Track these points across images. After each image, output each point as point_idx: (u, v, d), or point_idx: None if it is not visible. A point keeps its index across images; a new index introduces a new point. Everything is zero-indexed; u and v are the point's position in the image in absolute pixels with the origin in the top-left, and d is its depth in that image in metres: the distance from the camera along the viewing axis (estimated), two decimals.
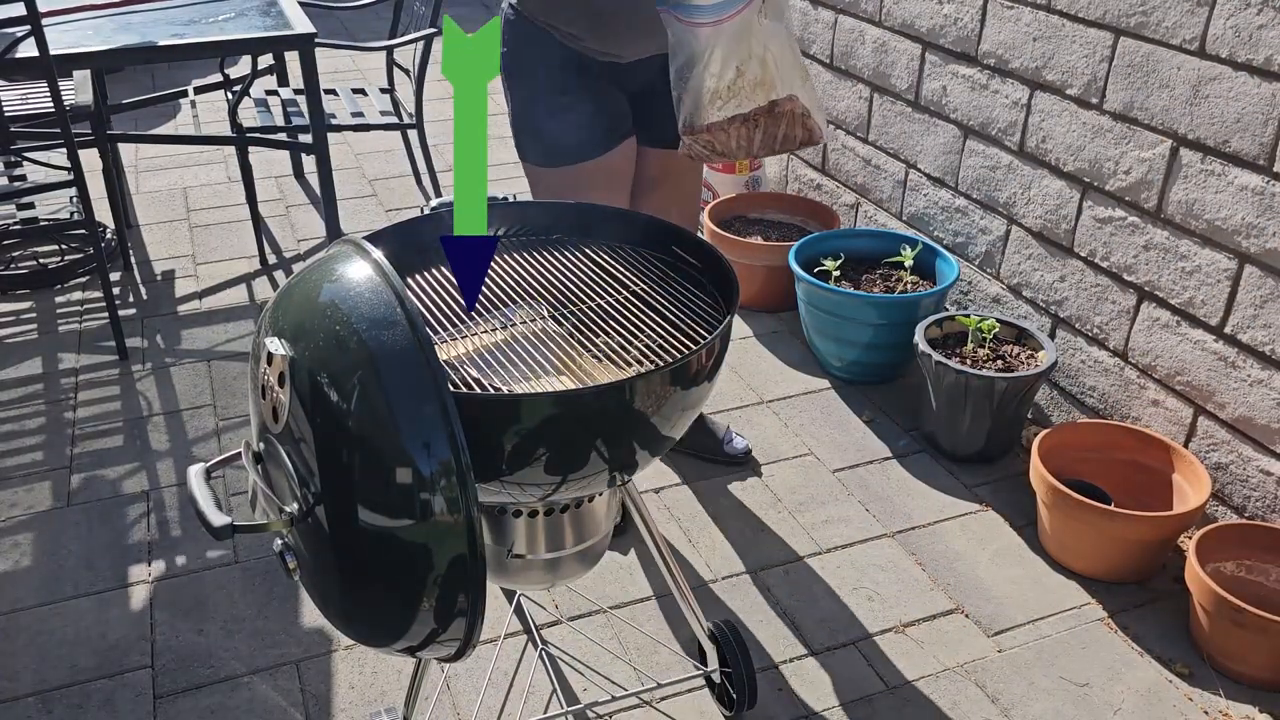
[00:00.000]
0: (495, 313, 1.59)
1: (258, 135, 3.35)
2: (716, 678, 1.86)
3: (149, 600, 2.11)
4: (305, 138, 3.56)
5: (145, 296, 3.25)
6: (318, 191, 3.59)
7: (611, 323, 1.56)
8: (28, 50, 2.62)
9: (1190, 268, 2.17)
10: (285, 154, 4.26)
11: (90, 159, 3.99)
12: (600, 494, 1.57)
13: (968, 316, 2.55)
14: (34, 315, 3.14)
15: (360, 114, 3.50)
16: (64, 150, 2.78)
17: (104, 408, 2.70)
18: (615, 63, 2.02)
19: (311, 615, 2.07)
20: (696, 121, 1.77)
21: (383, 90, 3.76)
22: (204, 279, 3.35)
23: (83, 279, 3.34)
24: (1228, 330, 2.12)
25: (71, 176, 2.76)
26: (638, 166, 2.20)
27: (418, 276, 1.69)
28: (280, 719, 1.85)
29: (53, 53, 2.63)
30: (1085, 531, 2.12)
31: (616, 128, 2.06)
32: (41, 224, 3.51)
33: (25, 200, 3.63)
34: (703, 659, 1.89)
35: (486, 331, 1.53)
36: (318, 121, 3.03)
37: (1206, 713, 1.89)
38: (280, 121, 3.41)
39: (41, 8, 3.06)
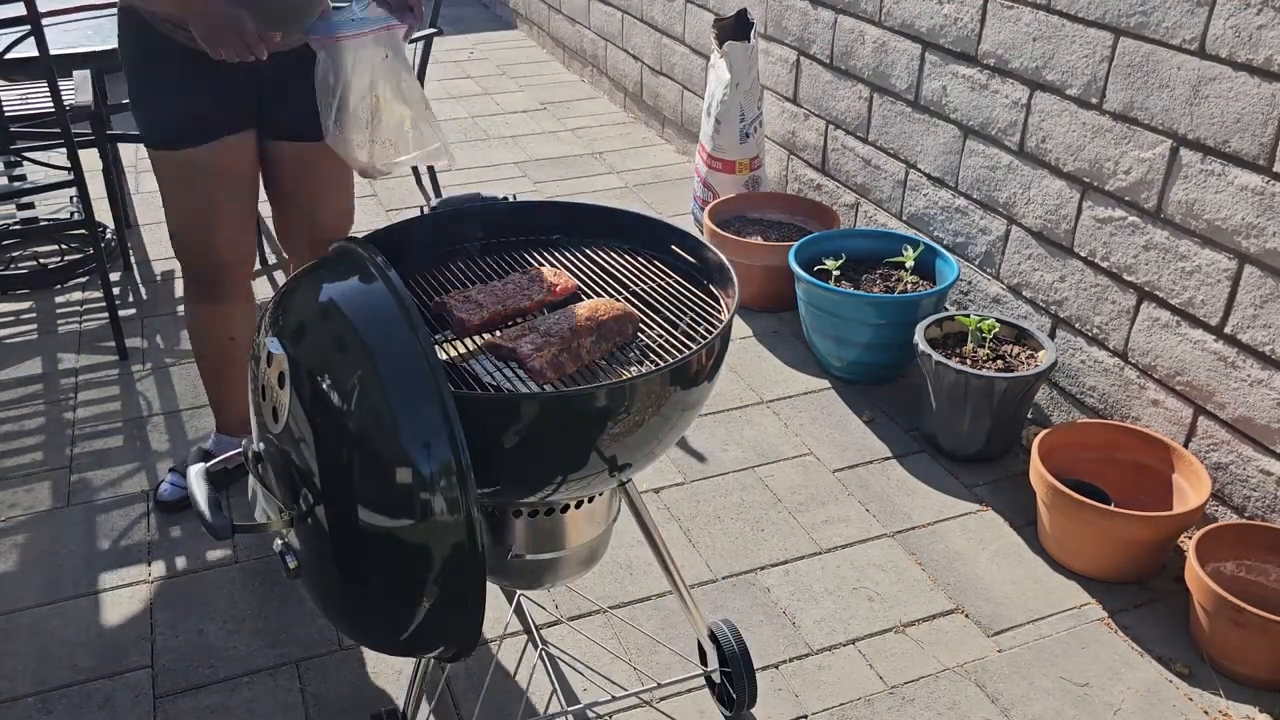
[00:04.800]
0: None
1: None
2: (716, 678, 1.86)
3: (149, 600, 2.11)
4: None
5: (145, 296, 3.25)
6: None
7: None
8: (28, 50, 2.62)
9: (1190, 268, 2.17)
10: None
11: (90, 159, 3.99)
12: (600, 494, 1.57)
13: (968, 316, 2.55)
14: (34, 315, 3.14)
15: None
16: (64, 150, 2.78)
17: (104, 408, 2.70)
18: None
19: (312, 615, 2.07)
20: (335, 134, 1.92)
21: None
22: None
23: (83, 279, 3.34)
24: (1228, 330, 2.12)
25: (71, 176, 2.76)
26: (273, 162, 2.13)
27: (418, 276, 1.69)
28: (280, 719, 1.85)
29: (53, 53, 2.63)
30: (1085, 531, 2.12)
31: (215, 122, 1.99)
32: (41, 224, 3.51)
33: (25, 200, 3.63)
34: (703, 659, 1.89)
35: (487, 331, 1.53)
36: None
37: (1206, 713, 1.89)
38: None
39: (41, 8, 3.05)
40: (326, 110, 1.88)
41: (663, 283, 1.66)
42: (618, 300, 1.56)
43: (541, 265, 1.69)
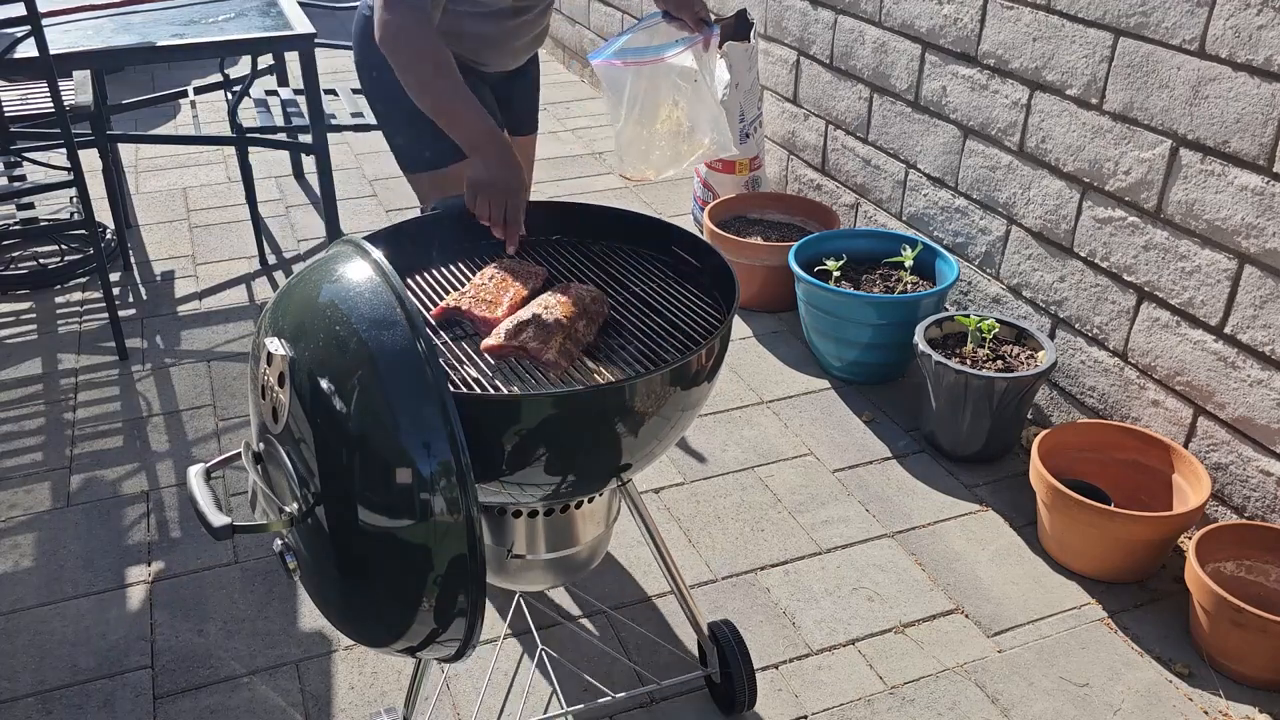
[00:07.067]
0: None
1: (258, 135, 3.35)
2: (716, 678, 1.86)
3: (149, 600, 2.11)
4: (305, 138, 3.56)
5: (145, 297, 3.25)
6: (318, 191, 3.59)
7: (612, 324, 1.56)
8: (28, 50, 2.62)
9: (1190, 268, 2.17)
10: (285, 154, 4.26)
11: (90, 159, 3.99)
12: (600, 494, 1.57)
13: (967, 317, 2.55)
14: (34, 315, 3.14)
15: (360, 114, 3.50)
16: (64, 150, 2.78)
17: (104, 408, 2.70)
18: (482, 68, 2.08)
19: (311, 615, 2.07)
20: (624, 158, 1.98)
21: None
22: (204, 279, 3.35)
23: (83, 279, 3.34)
24: (1228, 330, 2.12)
25: (71, 177, 2.76)
26: None
27: (418, 276, 1.69)
28: (280, 719, 1.85)
29: (53, 53, 2.63)
30: (1085, 531, 2.12)
31: (495, 117, 2.10)
32: (41, 224, 3.51)
33: (25, 200, 3.63)
34: (703, 659, 1.89)
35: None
36: (318, 122, 3.03)
37: (1206, 713, 1.89)
38: (280, 121, 3.41)
39: (41, 8, 3.06)
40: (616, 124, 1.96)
41: (663, 283, 1.66)
42: (583, 285, 1.57)
43: (501, 260, 1.69)
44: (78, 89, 3.13)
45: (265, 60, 4.05)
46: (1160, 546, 2.11)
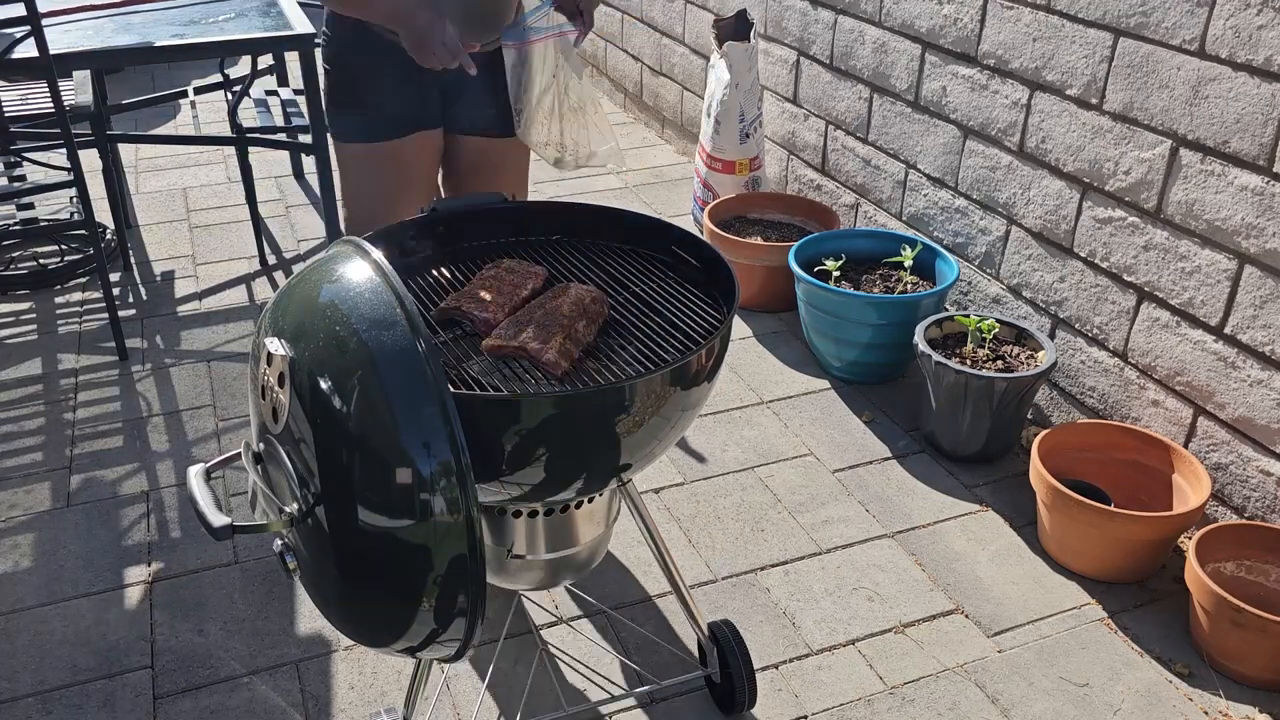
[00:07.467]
0: None
1: (257, 135, 3.35)
2: (716, 678, 1.86)
3: (149, 600, 2.11)
4: (305, 138, 3.56)
5: (145, 297, 3.25)
6: (318, 191, 3.59)
7: (612, 323, 1.56)
8: (28, 50, 2.62)
9: (1190, 268, 2.17)
10: (285, 154, 4.26)
11: (90, 159, 3.99)
12: (600, 494, 1.57)
13: (967, 317, 2.55)
14: (34, 315, 3.14)
15: None
16: (64, 150, 2.78)
17: (104, 408, 2.70)
18: None
19: (311, 616, 2.07)
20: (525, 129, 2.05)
21: None
22: (204, 279, 3.35)
23: (83, 279, 3.34)
24: (1228, 330, 2.12)
25: (71, 177, 2.76)
26: (454, 155, 2.22)
27: (418, 276, 1.70)
28: (280, 719, 1.85)
29: (53, 53, 2.63)
30: (1085, 532, 2.12)
31: (410, 118, 2.09)
32: (41, 224, 3.51)
33: (25, 200, 3.63)
34: (703, 659, 1.89)
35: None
36: (318, 122, 3.03)
37: (1206, 713, 1.89)
38: (280, 122, 3.41)
39: (41, 8, 3.06)
40: (517, 110, 2.01)
41: (663, 283, 1.66)
42: (583, 285, 1.57)
43: (501, 260, 1.69)
44: (78, 89, 3.13)
45: (265, 60, 4.05)
46: (1160, 546, 2.11)
